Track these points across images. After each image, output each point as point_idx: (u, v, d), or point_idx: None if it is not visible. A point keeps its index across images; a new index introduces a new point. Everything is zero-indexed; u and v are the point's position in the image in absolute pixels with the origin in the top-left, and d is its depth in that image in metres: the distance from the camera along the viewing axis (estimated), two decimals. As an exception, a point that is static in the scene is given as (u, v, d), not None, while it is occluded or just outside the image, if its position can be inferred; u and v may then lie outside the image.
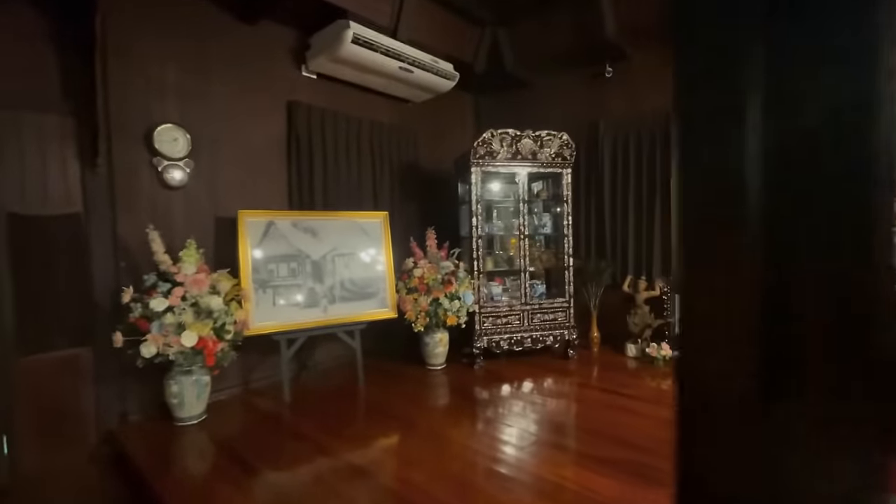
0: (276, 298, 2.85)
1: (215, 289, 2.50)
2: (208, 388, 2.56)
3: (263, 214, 2.90)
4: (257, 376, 3.06)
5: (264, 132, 3.15)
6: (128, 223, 2.53)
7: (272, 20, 3.12)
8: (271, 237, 2.90)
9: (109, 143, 2.47)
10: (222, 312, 2.47)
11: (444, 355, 3.40)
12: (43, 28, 2.34)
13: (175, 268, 2.41)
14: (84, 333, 2.45)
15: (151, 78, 2.62)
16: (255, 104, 3.09)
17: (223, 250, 2.83)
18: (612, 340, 3.79)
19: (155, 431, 2.43)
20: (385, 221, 3.32)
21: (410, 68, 3.35)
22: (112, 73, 2.46)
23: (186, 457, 2.26)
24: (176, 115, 2.71)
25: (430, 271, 3.23)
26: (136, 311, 2.29)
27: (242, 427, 2.52)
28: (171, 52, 2.70)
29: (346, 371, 3.23)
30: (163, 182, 2.66)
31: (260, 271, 2.82)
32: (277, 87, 3.21)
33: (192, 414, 2.49)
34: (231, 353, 2.55)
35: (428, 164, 4.21)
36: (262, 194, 3.12)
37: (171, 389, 2.43)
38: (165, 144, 2.64)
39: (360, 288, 3.14)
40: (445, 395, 3.03)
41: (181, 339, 2.30)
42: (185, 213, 2.76)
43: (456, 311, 3.20)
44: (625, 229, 3.82)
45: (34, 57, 2.32)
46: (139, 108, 2.57)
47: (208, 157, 2.85)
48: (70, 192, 2.43)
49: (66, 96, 2.40)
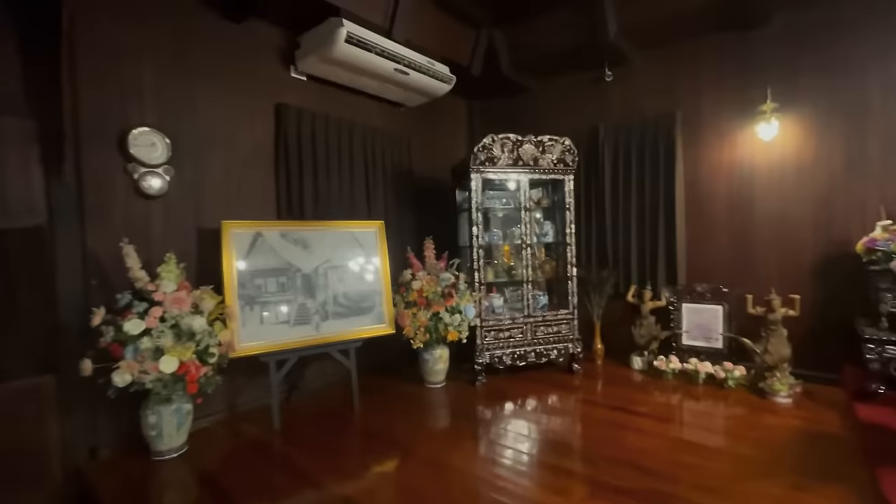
0: (265, 316, 2.63)
1: (198, 308, 2.28)
2: (190, 416, 2.32)
3: (250, 225, 2.69)
4: (244, 399, 2.82)
5: (251, 136, 2.94)
6: (99, 236, 2.29)
7: (259, 18, 2.93)
8: (258, 250, 2.68)
9: (77, 148, 2.23)
10: (206, 334, 2.24)
11: (445, 372, 3.21)
12: (0, 21, 2.11)
13: (153, 285, 2.18)
14: (48, 360, 2.19)
15: (126, 77, 2.40)
16: (240, 107, 2.88)
17: (206, 265, 2.61)
18: (616, 353, 3.66)
19: (129, 467, 2.18)
20: (381, 231, 3.13)
21: (406, 70, 3.19)
22: (81, 71, 2.23)
23: (164, 495, 2.03)
24: (154, 118, 2.48)
25: (429, 284, 3.05)
26: (108, 334, 2.05)
27: (228, 458, 2.29)
28: (148, 48, 2.48)
29: (340, 391, 3.02)
30: (139, 191, 2.43)
31: (246, 287, 2.60)
32: (265, 88, 3.01)
33: (172, 446, 2.25)
34: (216, 378, 2.32)
35: (423, 171, 4.04)
36: (248, 203, 2.90)
37: (148, 421, 2.19)
38: (142, 149, 2.41)
39: (355, 302, 2.94)
40: (446, 416, 2.85)
41: (159, 366, 2.07)
42: (163, 225, 2.53)
43: (457, 325, 3.03)
44: (627, 237, 3.71)
45: (-10, 52, 2.08)
46: (112, 110, 2.34)
47: (190, 163, 2.63)
48: (32, 202, 2.18)
49: (27, 97, 2.16)
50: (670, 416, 2.64)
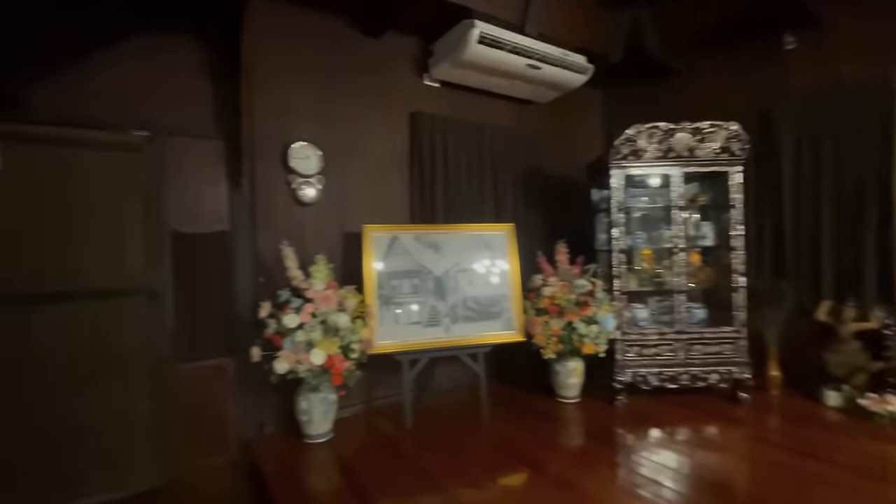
0: (399, 316, 2.73)
1: (342, 306, 2.45)
2: (335, 406, 2.51)
3: (387, 229, 2.82)
4: (379, 395, 2.97)
5: (388, 145, 3.10)
6: (265, 239, 2.62)
7: (396, 31, 3.07)
8: (395, 252, 2.80)
9: (252, 164, 2.59)
10: (349, 330, 2.40)
11: (579, 387, 2.96)
12: (203, 61, 2.55)
13: (306, 284, 2.41)
14: (229, 345, 2.58)
15: (287, 99, 2.71)
16: (379, 118, 3.06)
17: (349, 266, 2.81)
18: (798, 383, 2.96)
19: (287, 445, 2.44)
20: (510, 234, 3.03)
21: (538, 64, 3.03)
22: (254, 97, 2.58)
23: (311, 476, 2.21)
24: (308, 133, 2.76)
25: (562, 290, 2.84)
26: (271, 326, 2.32)
27: (365, 450, 2.41)
28: (303, 72, 2.78)
29: (467, 395, 2.99)
30: (296, 199, 2.73)
31: (384, 287, 2.73)
32: (400, 98, 3.15)
33: (320, 432, 2.46)
34: (356, 372, 2.47)
35: (554, 170, 3.82)
36: (385, 208, 3.06)
37: (301, 406, 2.42)
38: (299, 162, 2.70)
39: (484, 307, 2.88)
40: (579, 435, 2.61)
41: (310, 357, 2.27)
42: (315, 229, 2.79)
43: (594, 337, 2.76)
44: (816, 240, 2.97)
45: (196, 87, 2.53)
46: (276, 129, 2.67)
47: (336, 172, 2.86)
48: (219, 211, 2.59)
49: (218, 122, 2.58)
50: (882, 473, 2.00)
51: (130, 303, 2.34)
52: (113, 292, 2.30)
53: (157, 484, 2.37)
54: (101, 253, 2.28)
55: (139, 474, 2.35)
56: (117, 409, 2.31)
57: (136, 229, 2.36)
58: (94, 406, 2.26)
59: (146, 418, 2.38)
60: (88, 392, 2.25)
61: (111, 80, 2.32)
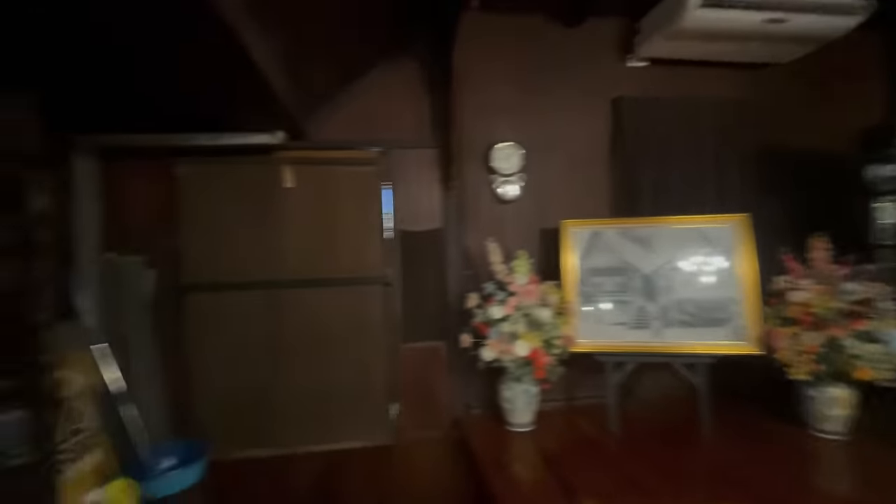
0: (602, 315, 2.60)
1: (545, 301, 2.47)
2: (537, 398, 2.56)
3: (588, 224, 2.72)
4: (580, 394, 2.90)
5: (587, 137, 2.98)
6: (471, 236, 2.84)
7: (597, 16, 2.91)
8: (596, 248, 2.67)
9: (460, 166, 2.83)
10: (551, 326, 2.41)
11: (847, 421, 2.30)
12: (418, 77, 2.93)
13: (509, 278, 2.52)
14: (441, 330, 2.90)
15: (491, 102, 2.87)
16: (578, 109, 2.97)
17: (548, 261, 2.81)
18: None
19: (491, 429, 2.60)
20: (740, 227, 2.54)
21: (783, 17, 2.45)
22: (463, 104, 2.81)
23: (516, 463, 2.30)
24: (509, 133, 2.87)
25: (820, 297, 2.25)
26: (479, 316, 2.50)
27: (568, 447, 2.37)
28: (505, 74, 2.89)
29: (680, 409, 2.65)
30: (497, 197, 2.87)
31: (585, 284, 2.64)
32: (601, 85, 2.98)
33: (522, 421, 2.55)
34: (558, 368, 2.46)
35: (802, 144, 3.06)
36: (584, 202, 2.95)
37: (505, 394, 2.55)
38: (500, 162, 2.83)
39: (705, 311, 2.50)
40: (844, 483, 2.03)
41: (515, 348, 2.37)
42: (514, 226, 2.89)
43: (873, 360, 2.10)
44: None
45: (413, 103, 2.93)
46: (481, 132, 2.85)
47: (535, 169, 2.90)
48: (433, 211, 2.93)
49: (434, 131, 2.92)
50: None
51: (370, 291, 2.86)
52: (359, 281, 2.85)
53: (388, 443, 2.84)
54: (352, 248, 2.85)
55: (374, 432, 2.85)
56: (360, 375, 2.86)
57: (375, 229, 2.87)
58: (344, 370, 2.84)
59: (380, 386, 2.87)
60: (341, 358, 2.84)
61: (356, 107, 2.87)
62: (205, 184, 2.73)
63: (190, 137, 2.48)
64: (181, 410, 2.74)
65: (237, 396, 2.76)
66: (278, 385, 2.78)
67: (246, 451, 2.73)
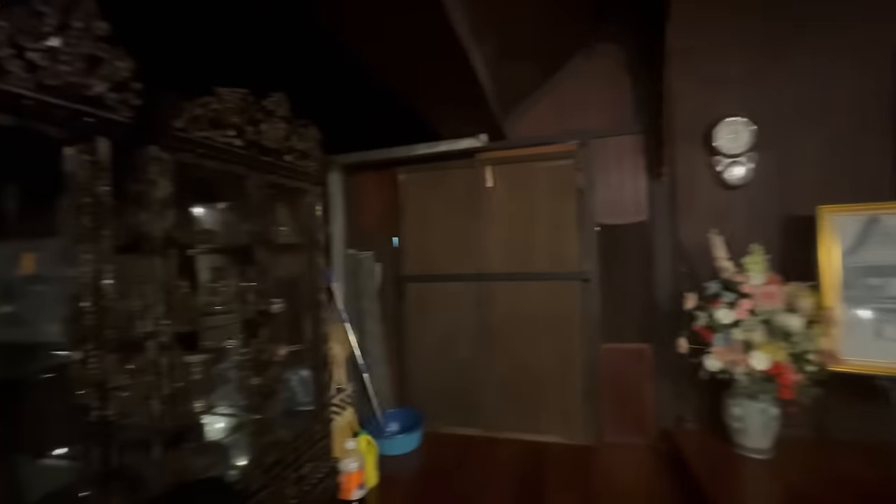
0: (883, 327, 2.00)
1: (791, 306, 2.03)
2: (777, 422, 2.13)
3: (859, 209, 2.12)
4: (838, 424, 2.30)
5: (852, 101, 2.32)
6: (686, 228, 2.52)
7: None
8: (872, 240, 2.07)
9: (672, 150, 2.54)
10: (802, 337, 1.97)
11: None
12: (618, 61, 2.74)
13: (741, 276, 2.15)
14: (648, 331, 2.67)
15: (710, 75, 2.48)
16: (838, 69, 2.32)
17: (792, 257, 2.30)
18: None
19: (714, 449, 2.28)
20: None
21: None
22: (674, 81, 2.51)
23: (752, 492, 1.96)
24: (735, 107, 2.44)
25: None
26: (701, 319, 2.21)
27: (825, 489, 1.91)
28: (732, 40, 2.46)
29: None
30: (720, 182, 2.47)
31: (854, 287, 2.07)
32: (875, 36, 2.27)
33: (757, 446, 2.15)
34: (811, 389, 2.00)
35: None
36: (848, 182, 2.30)
37: (734, 411, 2.19)
38: (724, 141, 2.43)
39: None
40: None
41: (749, 359, 2.01)
42: (744, 214, 2.45)
43: None
44: None
45: (612, 88, 2.75)
46: (698, 110, 2.50)
47: (773, 145, 2.39)
48: (638, 202, 2.71)
49: (636, 116, 2.69)
50: None
51: (568, 286, 2.82)
52: (557, 276, 2.83)
53: (585, 442, 2.76)
54: (549, 243, 2.86)
55: (571, 428, 2.81)
56: (559, 371, 2.84)
57: (572, 224, 2.81)
58: (544, 364, 2.86)
59: (578, 384, 2.81)
60: (541, 352, 2.87)
61: (549, 102, 2.86)
62: (420, 188, 3.11)
63: (411, 149, 2.85)
64: (400, 384, 3.20)
65: (447, 377, 3.07)
66: (483, 371, 2.99)
67: (454, 428, 3.03)
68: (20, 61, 0.93)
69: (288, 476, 1.85)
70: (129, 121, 1.16)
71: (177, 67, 1.40)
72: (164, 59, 1.27)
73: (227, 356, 1.90)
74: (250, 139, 1.67)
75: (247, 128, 1.65)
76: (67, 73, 1.01)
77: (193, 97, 1.43)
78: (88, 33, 1.05)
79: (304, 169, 2.00)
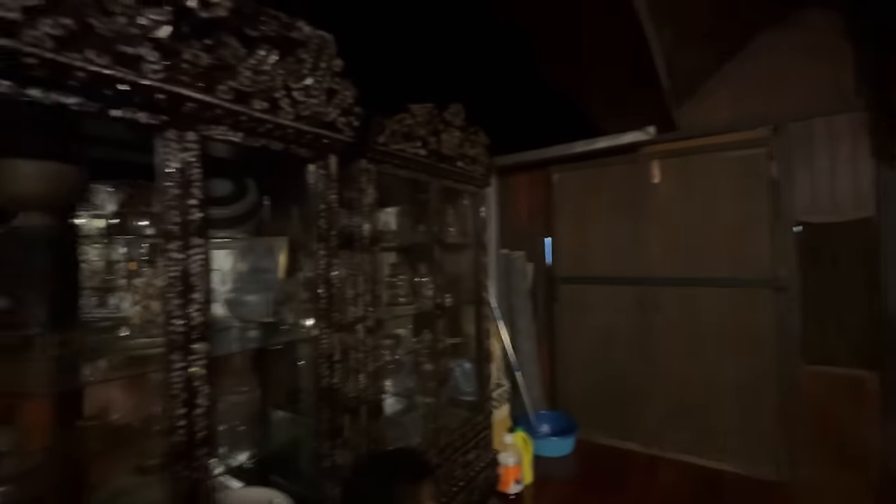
0: None
1: None
2: None
3: None
4: None
5: None
6: (937, 226, 1.97)
7: None
8: None
9: (915, 131, 2.02)
10: None
11: None
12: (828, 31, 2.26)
13: None
14: (871, 355, 2.16)
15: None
16: None
17: None
18: None
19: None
20: None
21: None
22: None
23: None
24: None
25: None
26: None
27: None
28: None
29: None
30: None
31: None
32: None
33: None
34: None
35: None
36: None
37: None
38: None
39: None
40: None
41: None
42: None
43: None
44: None
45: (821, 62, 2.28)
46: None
47: None
48: (859, 195, 2.21)
49: (858, 92, 2.20)
50: None
51: (756, 295, 2.44)
52: (741, 282, 2.47)
53: (777, 479, 2.35)
54: (729, 245, 2.51)
55: (757, 460, 2.42)
56: (743, 391, 2.48)
57: (762, 221, 2.42)
58: (723, 381, 2.53)
59: (768, 409, 2.41)
60: (720, 367, 2.54)
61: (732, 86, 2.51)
62: (575, 187, 3.04)
63: (568, 147, 2.80)
64: (550, 386, 3.17)
65: (602, 384, 2.93)
66: (644, 381, 2.78)
67: (611, 440, 2.87)
68: (288, 99, 1.19)
69: (457, 459, 1.99)
70: (350, 139, 1.38)
71: (381, 89, 1.62)
72: (372, 84, 1.48)
73: (403, 344, 2.13)
74: (432, 149, 1.84)
75: (430, 138, 1.82)
76: (315, 105, 1.26)
77: (392, 114, 1.64)
78: (330, 70, 1.28)
79: (472, 173, 2.12)
